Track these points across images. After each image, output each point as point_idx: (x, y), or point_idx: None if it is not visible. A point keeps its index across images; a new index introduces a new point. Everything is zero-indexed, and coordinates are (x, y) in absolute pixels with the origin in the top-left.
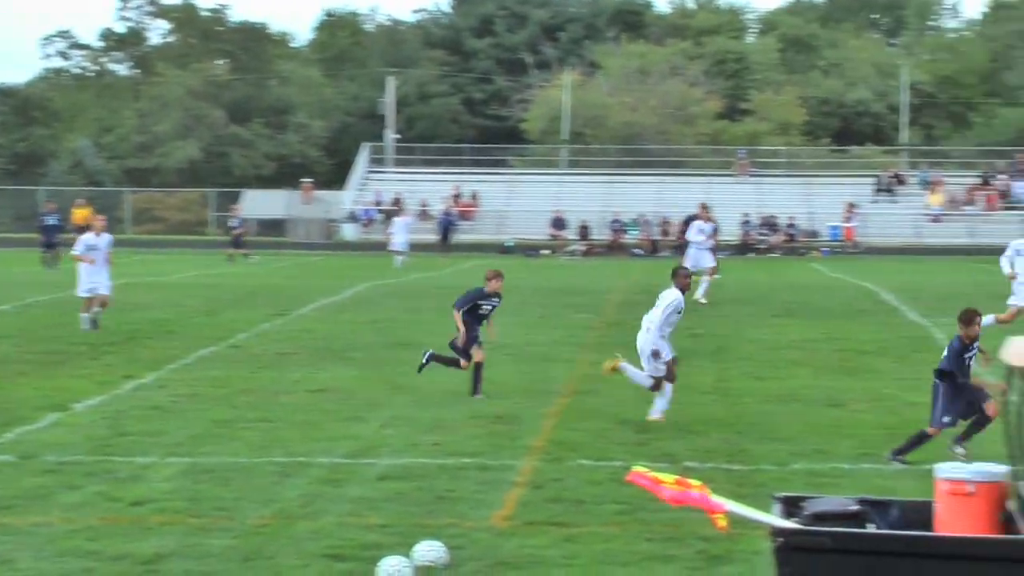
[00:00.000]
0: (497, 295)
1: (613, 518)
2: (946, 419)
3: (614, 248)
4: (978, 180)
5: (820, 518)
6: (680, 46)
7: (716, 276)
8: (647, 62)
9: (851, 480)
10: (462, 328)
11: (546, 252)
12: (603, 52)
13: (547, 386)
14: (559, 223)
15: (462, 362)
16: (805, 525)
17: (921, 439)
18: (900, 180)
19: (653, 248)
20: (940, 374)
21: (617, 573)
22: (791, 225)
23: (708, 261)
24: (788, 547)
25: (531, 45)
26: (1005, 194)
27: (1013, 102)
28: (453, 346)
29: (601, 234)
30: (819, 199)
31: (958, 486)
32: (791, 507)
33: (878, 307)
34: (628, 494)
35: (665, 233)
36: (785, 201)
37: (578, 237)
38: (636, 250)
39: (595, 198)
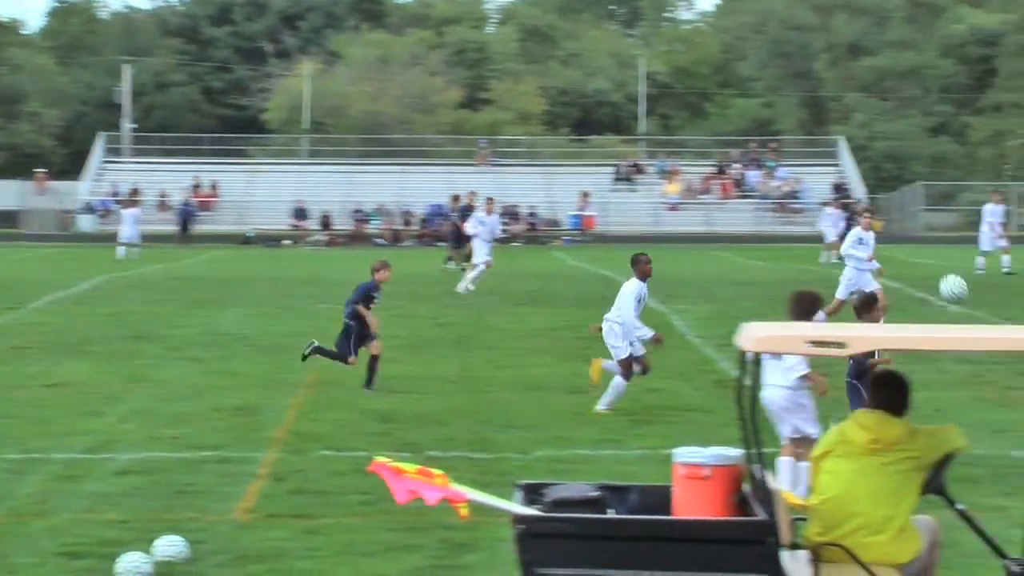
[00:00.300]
0: (380, 287)
1: (356, 509)
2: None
3: (356, 238)
4: (714, 169)
5: (561, 504)
6: (420, 35)
7: (474, 272)
8: (388, 51)
9: (592, 466)
10: (373, 319)
11: (288, 242)
12: (343, 41)
13: (289, 377)
14: (301, 213)
15: (350, 359)
16: (546, 512)
17: None
18: (639, 169)
19: (395, 238)
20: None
21: (360, 564)
22: (532, 214)
23: (486, 254)
24: (529, 534)
25: (270, 34)
26: (739, 183)
27: (746, 93)
28: (356, 339)
29: (343, 224)
30: (560, 188)
31: (694, 470)
32: (532, 494)
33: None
34: (371, 484)
35: (407, 223)
36: (526, 190)
37: (320, 227)
38: (379, 239)
39: (337, 188)
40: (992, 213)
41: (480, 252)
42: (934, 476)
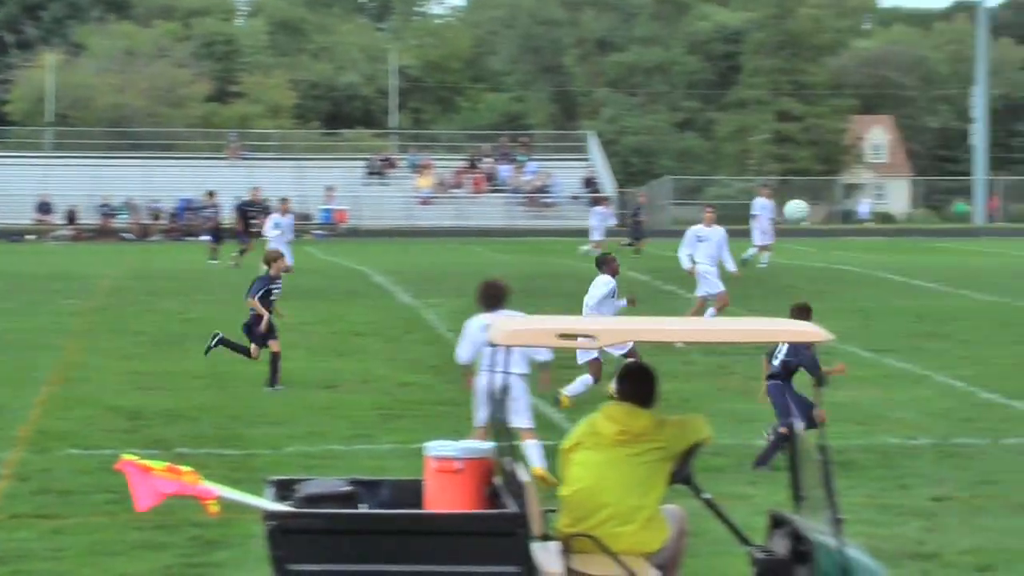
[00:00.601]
0: (280, 277)
1: (103, 508)
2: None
3: (103, 233)
4: (465, 163)
5: (312, 500)
6: (167, 27)
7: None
8: (134, 43)
9: (344, 461)
10: (265, 313)
11: (31, 237)
12: (87, 32)
13: (33, 374)
14: (45, 207)
15: (252, 349)
16: (297, 507)
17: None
18: (390, 163)
19: (144, 232)
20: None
21: (107, 564)
22: None
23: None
24: (280, 530)
25: (11, 24)
26: (491, 177)
27: (497, 87)
28: (249, 333)
29: (89, 219)
30: (311, 182)
31: (446, 463)
32: (284, 490)
33: (370, 289)
34: (118, 483)
35: (156, 217)
36: (278, 184)
37: (65, 221)
38: (126, 234)
39: (82, 182)
40: (761, 207)
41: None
42: (681, 466)
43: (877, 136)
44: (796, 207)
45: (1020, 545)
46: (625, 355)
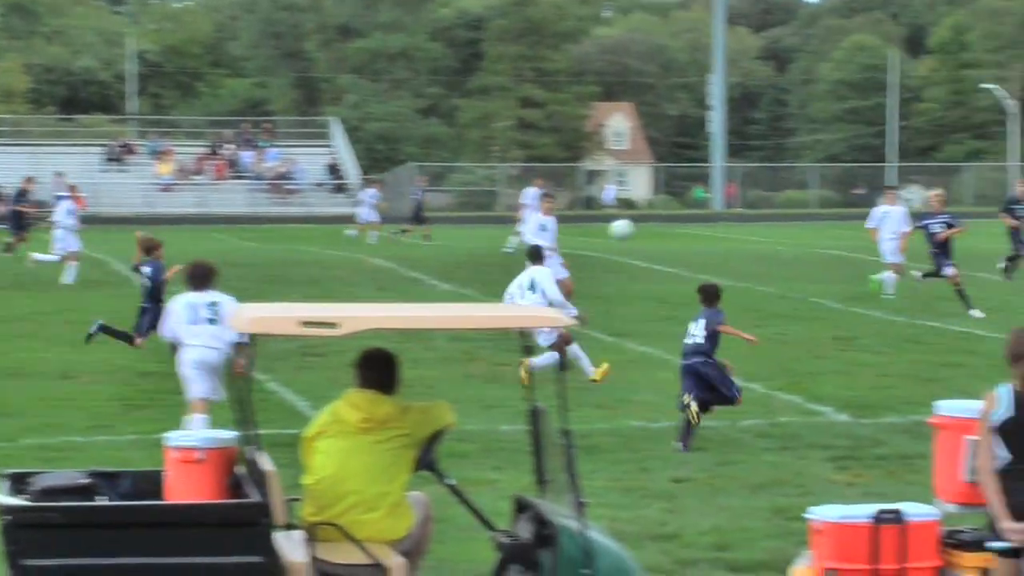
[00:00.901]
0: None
1: None
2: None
3: None
4: (207, 150)
5: (48, 493)
6: None
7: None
8: None
9: (84, 453)
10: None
11: None
12: None
13: None
14: None
15: (137, 340)
16: (32, 501)
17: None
18: (129, 150)
19: None
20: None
21: None
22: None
23: (75, 244)
24: (14, 524)
25: None
26: (233, 163)
27: (238, 73)
28: (151, 322)
29: None
30: (47, 169)
31: (187, 453)
32: (19, 483)
33: (110, 277)
34: None
35: None
36: (11, 171)
37: None
38: None
39: None
40: (532, 196)
41: (70, 241)
42: (426, 452)
43: (618, 123)
44: (622, 227)
45: (757, 524)
46: (552, 346)
